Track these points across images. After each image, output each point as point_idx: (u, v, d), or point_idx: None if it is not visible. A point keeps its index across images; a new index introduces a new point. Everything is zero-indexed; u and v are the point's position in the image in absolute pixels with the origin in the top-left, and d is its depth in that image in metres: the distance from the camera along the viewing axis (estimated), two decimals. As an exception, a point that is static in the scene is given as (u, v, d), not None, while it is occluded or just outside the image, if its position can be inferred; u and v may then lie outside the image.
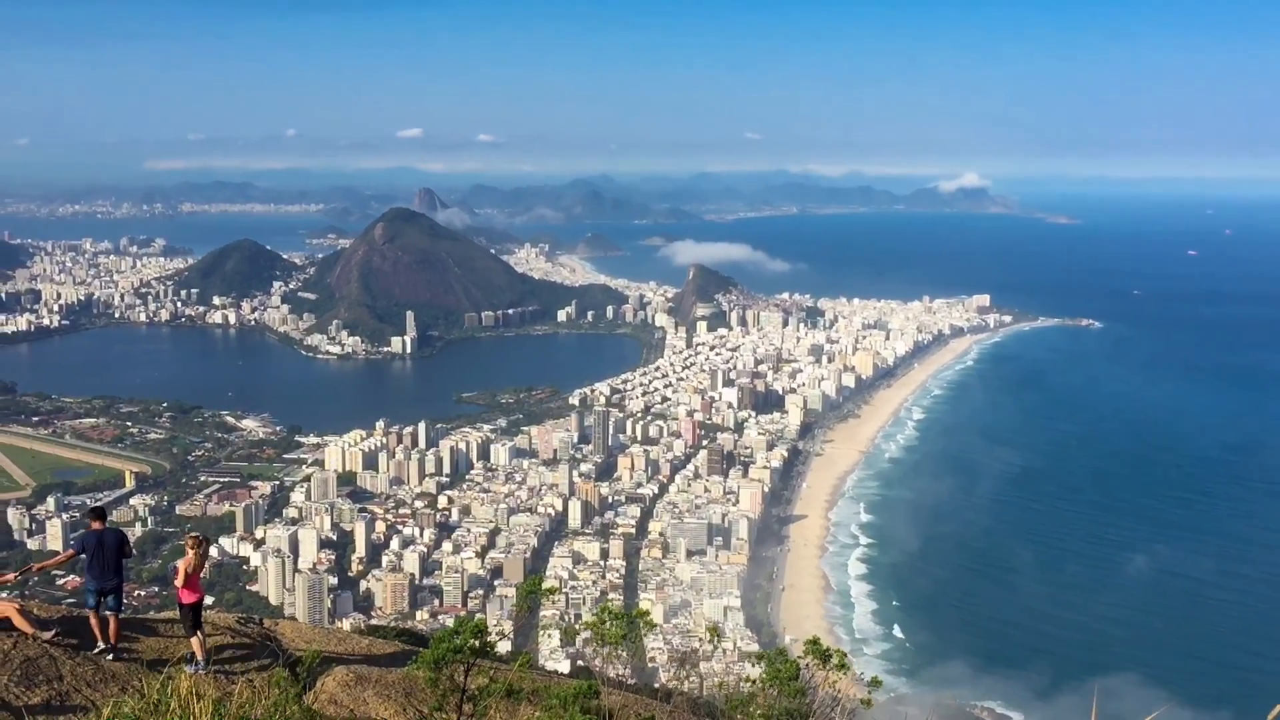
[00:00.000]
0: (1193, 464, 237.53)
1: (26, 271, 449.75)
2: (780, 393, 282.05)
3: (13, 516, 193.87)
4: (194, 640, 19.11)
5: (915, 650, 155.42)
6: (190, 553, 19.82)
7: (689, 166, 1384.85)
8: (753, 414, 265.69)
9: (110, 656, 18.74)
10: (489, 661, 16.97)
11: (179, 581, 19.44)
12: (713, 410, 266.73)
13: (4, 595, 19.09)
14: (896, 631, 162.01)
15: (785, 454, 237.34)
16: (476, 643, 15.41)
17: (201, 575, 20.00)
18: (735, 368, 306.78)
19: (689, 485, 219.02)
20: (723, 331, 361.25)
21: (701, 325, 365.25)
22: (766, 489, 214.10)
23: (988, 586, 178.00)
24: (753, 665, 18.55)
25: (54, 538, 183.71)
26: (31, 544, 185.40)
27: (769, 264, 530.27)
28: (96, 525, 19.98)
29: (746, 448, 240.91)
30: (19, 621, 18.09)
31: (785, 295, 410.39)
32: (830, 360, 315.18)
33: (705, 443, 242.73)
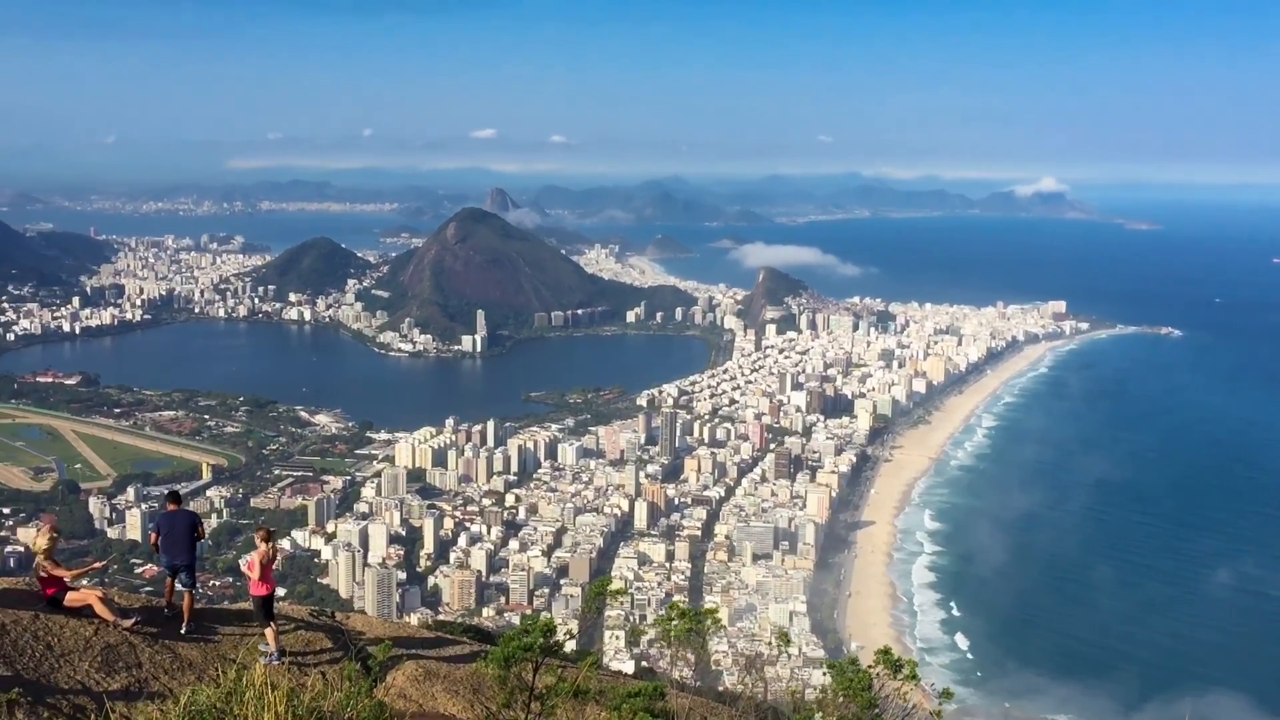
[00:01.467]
0: (1277, 478, 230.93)
1: (111, 267, 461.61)
2: (849, 397, 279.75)
3: (94, 506, 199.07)
4: (268, 631, 19.45)
5: (983, 661, 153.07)
6: (262, 545, 20.19)
7: (761, 169, 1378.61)
8: (821, 418, 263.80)
9: (183, 629, 19.29)
10: (557, 660, 17.04)
11: (254, 574, 19.81)
12: (781, 414, 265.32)
13: (87, 583, 19.53)
14: (963, 641, 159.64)
15: (853, 459, 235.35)
16: (545, 641, 15.45)
17: (274, 568, 20.39)
18: (804, 371, 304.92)
19: (756, 488, 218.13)
20: (792, 335, 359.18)
21: (771, 328, 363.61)
22: (834, 494, 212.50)
23: (1060, 598, 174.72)
24: (826, 674, 18.34)
25: (133, 527, 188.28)
26: (111, 533, 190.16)
27: (840, 267, 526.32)
28: (171, 507, 20.57)
29: (814, 452, 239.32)
30: (101, 609, 18.54)
31: (856, 299, 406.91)
32: (901, 365, 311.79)
33: (773, 446, 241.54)
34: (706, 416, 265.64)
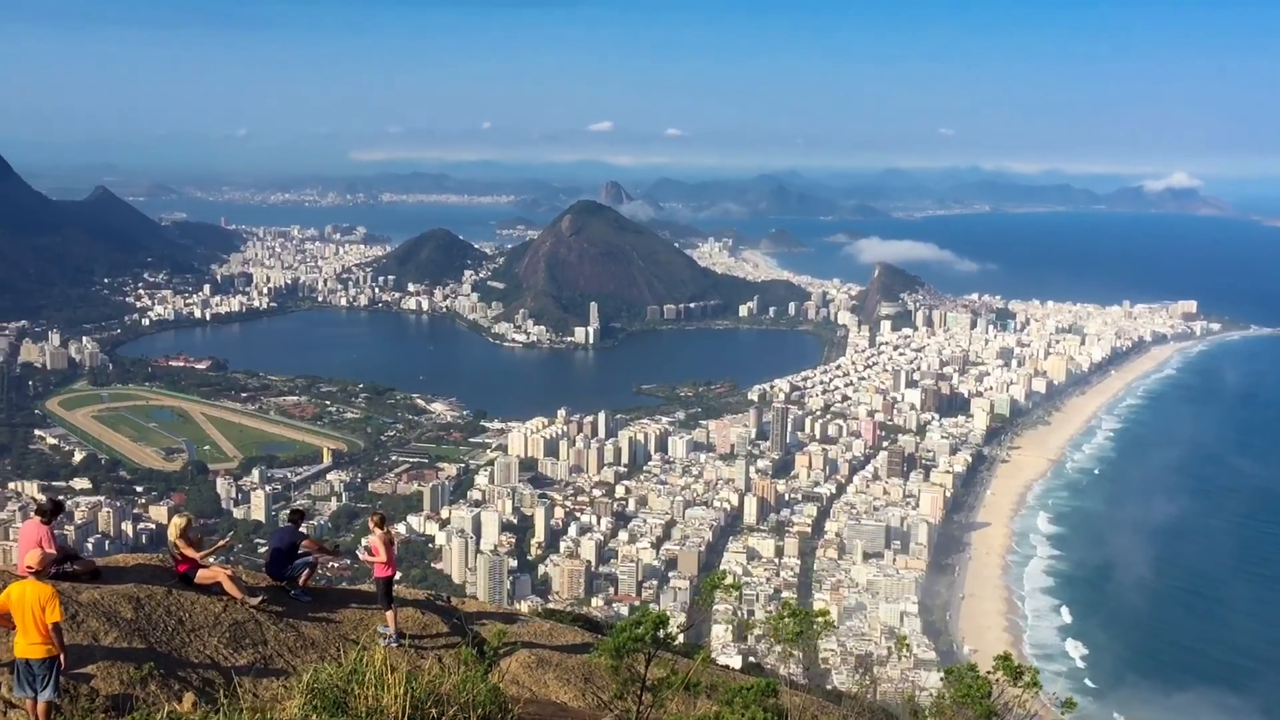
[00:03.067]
0: None
1: (240, 256, 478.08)
2: (966, 396, 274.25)
3: (221, 486, 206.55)
4: (388, 614, 19.91)
5: (1100, 669, 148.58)
6: (381, 530, 20.67)
7: (878, 162, 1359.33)
8: (936, 417, 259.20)
9: (293, 593, 20.03)
10: (669, 653, 17.06)
11: (380, 557, 20.27)
12: (894, 411, 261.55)
13: (216, 561, 20.23)
14: (1081, 648, 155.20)
15: (969, 459, 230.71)
16: (658, 633, 15.47)
17: (394, 552, 20.87)
18: (919, 369, 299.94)
19: (868, 486, 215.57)
20: (907, 331, 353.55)
21: (885, 324, 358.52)
22: (948, 494, 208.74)
23: (1182, 608, 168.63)
24: (942, 678, 17.98)
25: (257, 508, 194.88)
26: (237, 513, 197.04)
27: (957, 263, 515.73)
28: (290, 523, 21.39)
29: (929, 451, 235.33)
30: (229, 587, 19.20)
31: (974, 296, 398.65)
32: (1020, 364, 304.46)
33: (886, 444, 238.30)
34: (818, 412, 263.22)
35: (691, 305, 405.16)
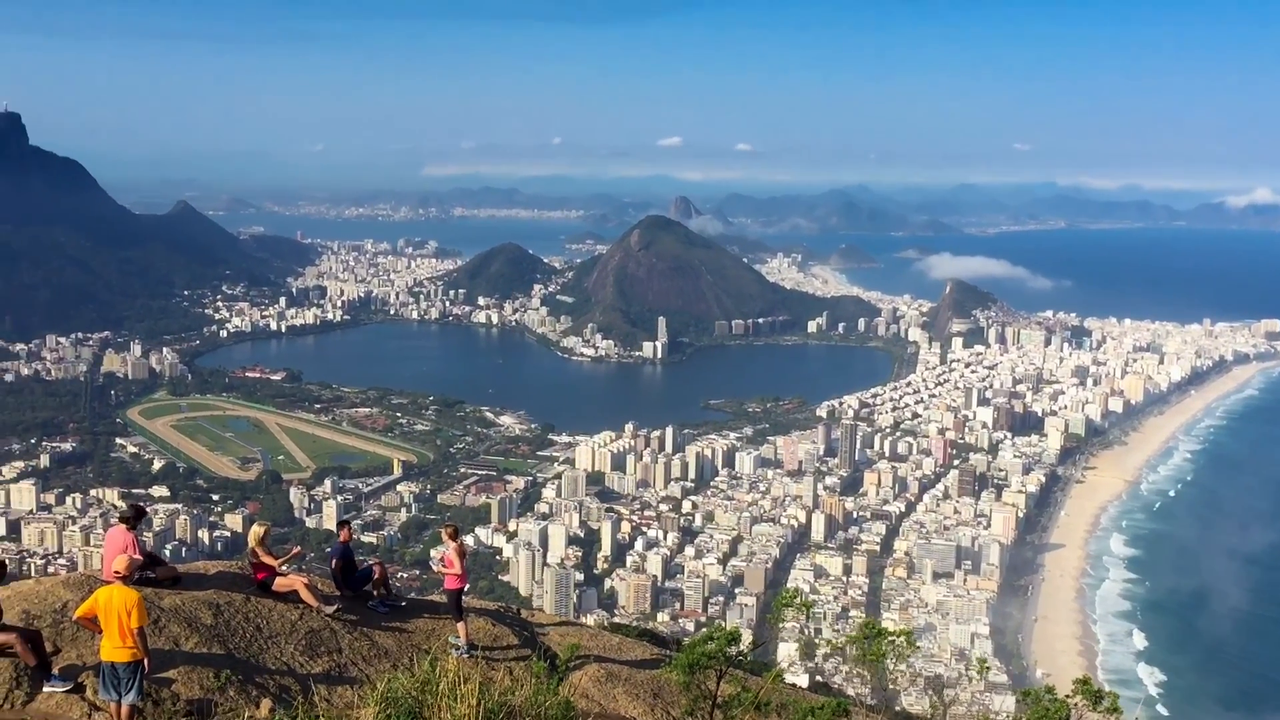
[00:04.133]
0: None
1: (315, 269, 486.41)
2: (1039, 415, 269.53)
3: (294, 496, 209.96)
4: (460, 625, 20.08)
5: (1176, 696, 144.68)
6: (453, 542, 20.88)
7: (950, 177, 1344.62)
8: (1009, 435, 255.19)
9: (372, 604, 20.22)
10: (740, 671, 16.98)
11: (454, 569, 20.47)
12: (966, 429, 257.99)
13: (292, 570, 20.57)
14: (1157, 674, 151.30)
15: (1042, 479, 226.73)
16: (730, 650, 15.42)
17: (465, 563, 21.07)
18: (991, 386, 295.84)
19: (938, 505, 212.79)
20: (979, 349, 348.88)
21: (957, 341, 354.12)
22: (1021, 514, 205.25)
23: (1263, 637, 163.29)
24: (1017, 701, 17.68)
25: (329, 517, 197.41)
26: (309, 522, 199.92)
27: (1031, 280, 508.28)
28: (342, 537, 21.59)
29: (1001, 470, 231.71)
30: (306, 595, 19.52)
31: (1048, 313, 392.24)
32: (1096, 383, 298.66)
33: (957, 463, 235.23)
34: (888, 430, 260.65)
35: (760, 320, 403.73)
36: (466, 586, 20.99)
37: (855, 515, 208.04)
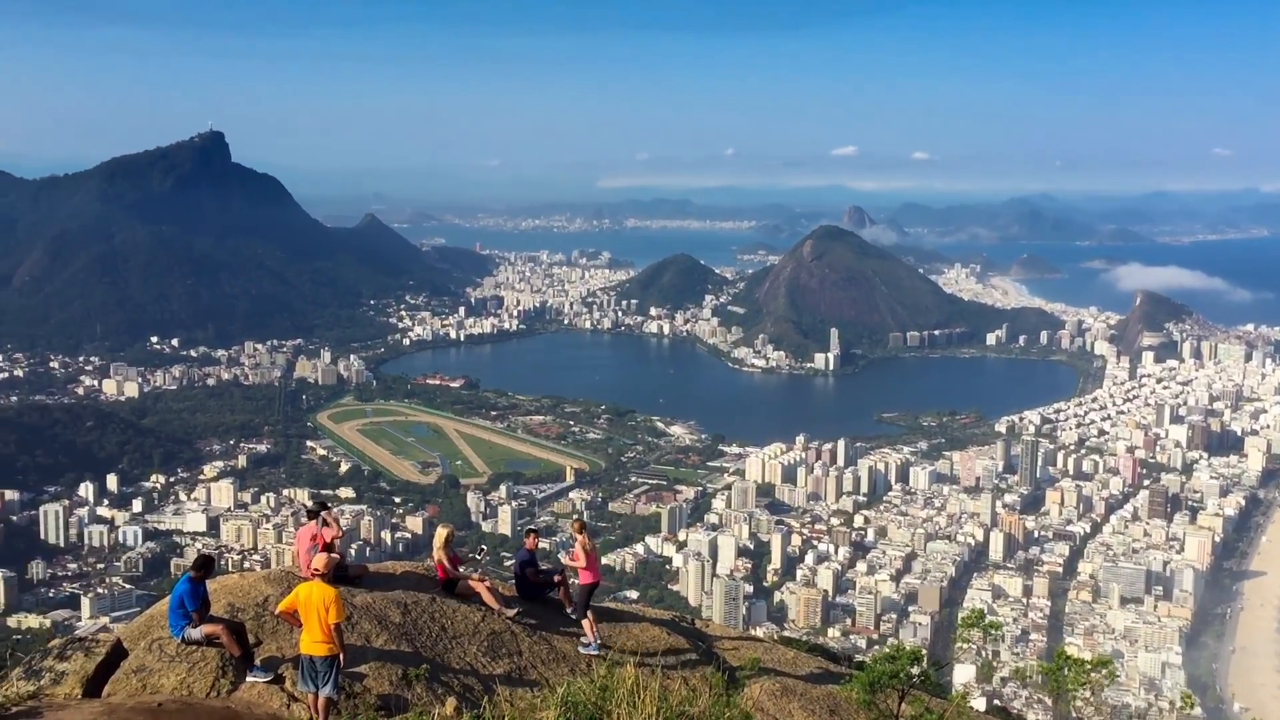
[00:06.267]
0: None
1: (493, 279, 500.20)
2: (1239, 434, 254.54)
3: (471, 500, 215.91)
4: (585, 623, 20.17)
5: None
6: (581, 536, 21.02)
7: (1142, 185, 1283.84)
8: (1204, 455, 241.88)
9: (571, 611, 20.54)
10: (922, 692, 16.55)
11: (580, 563, 20.61)
12: (1157, 448, 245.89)
13: (476, 573, 21.11)
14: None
15: (1241, 502, 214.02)
16: (912, 670, 15.05)
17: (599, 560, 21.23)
18: (1185, 404, 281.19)
19: (1126, 527, 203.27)
20: (1172, 363, 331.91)
21: (1147, 355, 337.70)
22: (1217, 538, 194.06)
23: None
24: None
25: (504, 522, 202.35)
26: (485, 526, 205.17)
27: (1230, 292, 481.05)
28: (529, 544, 21.88)
29: (1195, 491, 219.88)
30: (488, 598, 20.00)
31: (1249, 327, 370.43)
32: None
33: (1147, 483, 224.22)
34: (1072, 447, 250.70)
35: (936, 332, 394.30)
36: (599, 582, 21.03)
37: (1036, 535, 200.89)
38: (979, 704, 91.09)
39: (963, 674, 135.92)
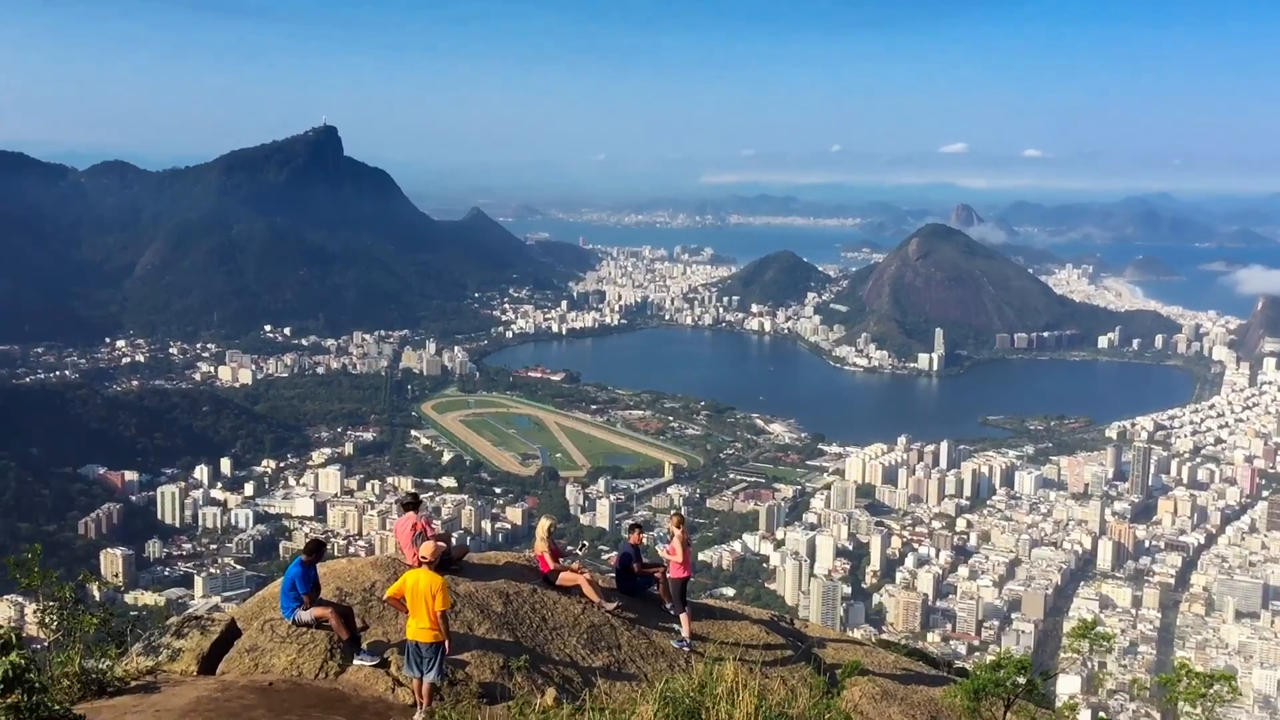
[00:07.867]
0: None
1: (595, 274, 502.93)
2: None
3: (570, 493, 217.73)
4: (682, 617, 20.17)
5: None
6: (678, 530, 21.01)
7: (1267, 185, 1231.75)
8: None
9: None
10: (1028, 703, 16.21)
11: (676, 557, 20.61)
12: (1277, 458, 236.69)
13: (576, 565, 21.28)
14: None
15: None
16: (1019, 679, 14.75)
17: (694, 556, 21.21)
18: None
19: (1242, 539, 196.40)
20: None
21: (1270, 362, 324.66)
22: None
23: None
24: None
25: (602, 515, 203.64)
26: (584, 519, 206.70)
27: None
28: (633, 540, 21.90)
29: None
30: (589, 591, 20.16)
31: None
32: None
33: (1266, 494, 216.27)
34: (1186, 455, 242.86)
35: (1045, 334, 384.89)
36: (689, 577, 21.04)
37: (1147, 544, 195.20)
38: (1084, 716, 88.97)
39: (1067, 685, 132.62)
